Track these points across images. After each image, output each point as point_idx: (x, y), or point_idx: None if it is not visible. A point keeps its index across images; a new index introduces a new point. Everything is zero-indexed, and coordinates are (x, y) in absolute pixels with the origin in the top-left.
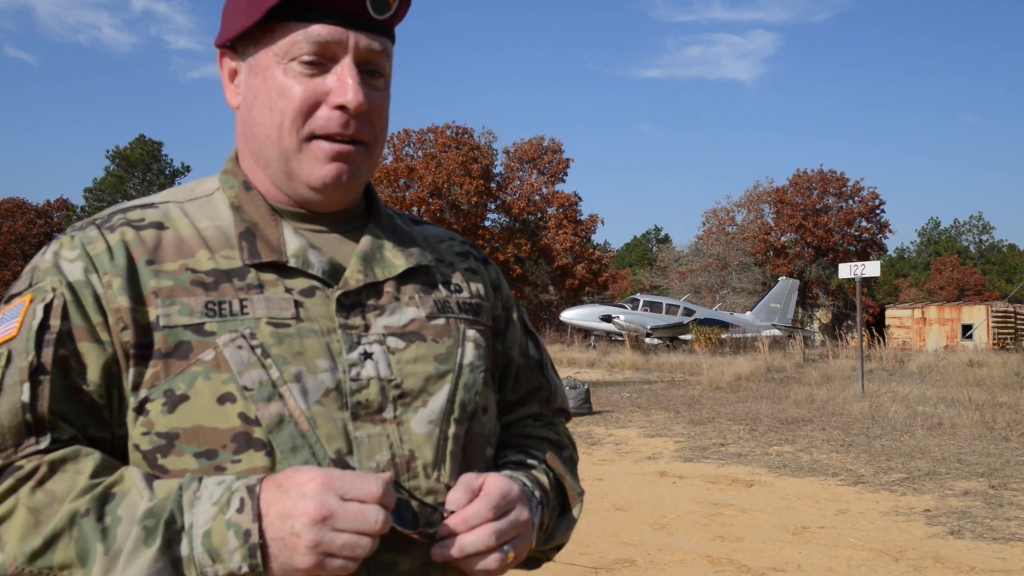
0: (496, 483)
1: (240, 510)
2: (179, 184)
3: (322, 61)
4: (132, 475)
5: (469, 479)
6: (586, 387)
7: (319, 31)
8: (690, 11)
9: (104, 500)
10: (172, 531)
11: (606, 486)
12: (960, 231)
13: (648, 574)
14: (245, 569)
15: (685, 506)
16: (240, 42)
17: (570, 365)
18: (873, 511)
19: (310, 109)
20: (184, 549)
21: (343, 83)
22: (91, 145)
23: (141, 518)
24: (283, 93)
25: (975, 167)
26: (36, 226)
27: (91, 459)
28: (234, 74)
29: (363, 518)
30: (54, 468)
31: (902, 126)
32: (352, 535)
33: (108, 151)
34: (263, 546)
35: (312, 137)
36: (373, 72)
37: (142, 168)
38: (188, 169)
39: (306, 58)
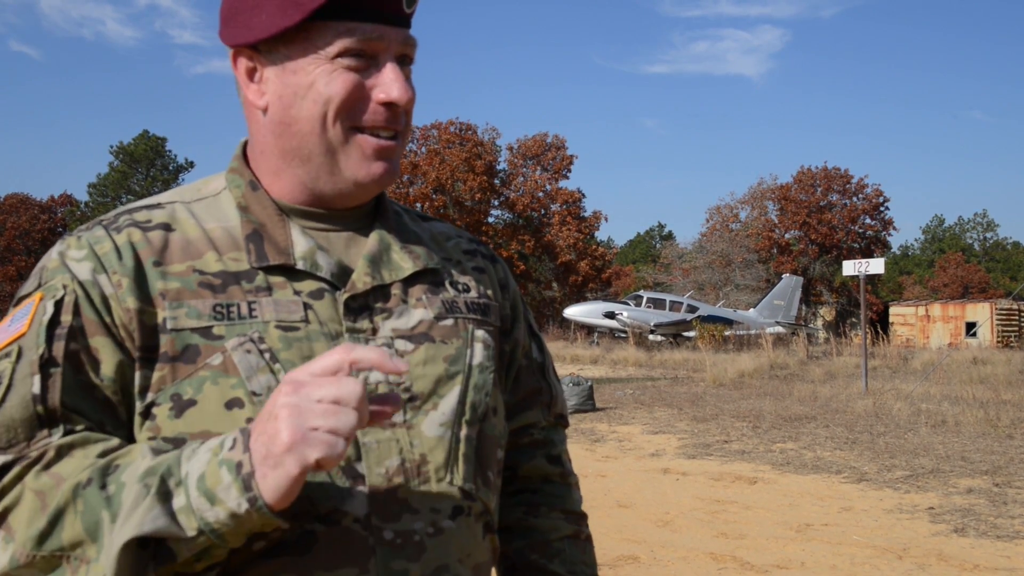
0: None
1: (232, 447)
2: (183, 180)
3: (365, 57)
4: (139, 447)
5: None
6: (589, 384)
7: (365, 29)
8: (697, 6)
9: (107, 471)
10: (169, 484)
11: (609, 483)
12: (964, 228)
13: (651, 571)
14: (244, 505)
15: (688, 503)
16: (267, 41)
17: (573, 362)
18: (877, 508)
19: (355, 103)
20: (181, 499)
21: (389, 79)
22: (95, 141)
23: (141, 477)
24: (328, 87)
25: (980, 164)
26: (40, 221)
27: (102, 442)
28: (252, 72)
29: (335, 380)
30: (61, 453)
31: (907, 123)
32: (330, 395)
33: (112, 147)
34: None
35: (357, 129)
36: (405, 63)
37: (146, 164)
38: (192, 165)
39: (351, 55)
